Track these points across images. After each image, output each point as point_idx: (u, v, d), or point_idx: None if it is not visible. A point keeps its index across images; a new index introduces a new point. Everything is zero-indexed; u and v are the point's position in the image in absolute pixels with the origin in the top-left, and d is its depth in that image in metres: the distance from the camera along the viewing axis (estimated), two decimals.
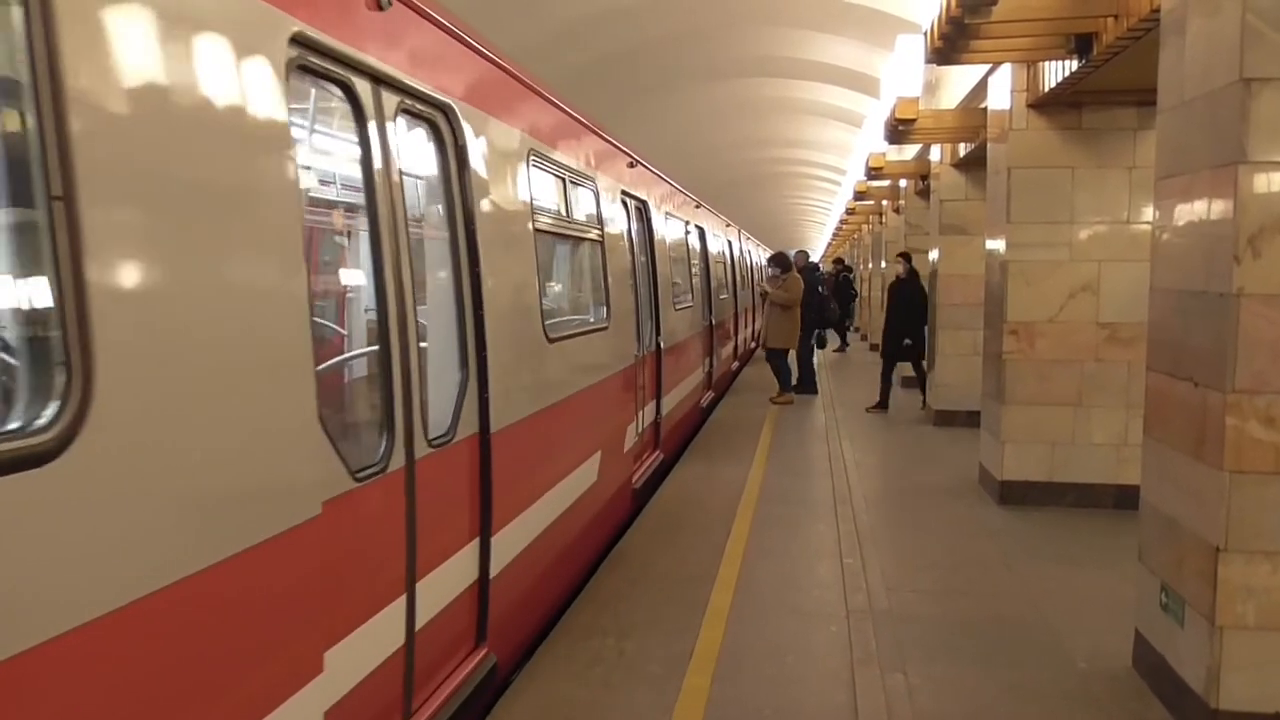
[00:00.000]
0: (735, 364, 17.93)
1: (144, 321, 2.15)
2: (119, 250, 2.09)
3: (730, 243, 18.35)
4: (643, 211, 9.13)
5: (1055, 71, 7.26)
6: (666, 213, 10.48)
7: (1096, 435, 7.99)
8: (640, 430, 8.24)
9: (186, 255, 2.30)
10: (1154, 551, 4.70)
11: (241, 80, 2.55)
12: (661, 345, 9.18)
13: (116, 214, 2.08)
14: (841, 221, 31.41)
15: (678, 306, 10.57)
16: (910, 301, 13.34)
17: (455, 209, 4.15)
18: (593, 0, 12.77)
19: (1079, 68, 6.70)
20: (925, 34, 6.85)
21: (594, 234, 6.95)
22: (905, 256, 13.85)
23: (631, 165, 8.52)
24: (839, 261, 28.83)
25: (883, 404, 13.40)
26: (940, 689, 4.65)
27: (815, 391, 15.12)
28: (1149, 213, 6.91)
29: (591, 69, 14.17)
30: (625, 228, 8.01)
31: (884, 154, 15.35)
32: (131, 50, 2.15)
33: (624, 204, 8.07)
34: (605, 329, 6.92)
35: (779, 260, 14.46)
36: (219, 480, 2.40)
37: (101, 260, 2.00)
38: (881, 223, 22.54)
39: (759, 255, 26.71)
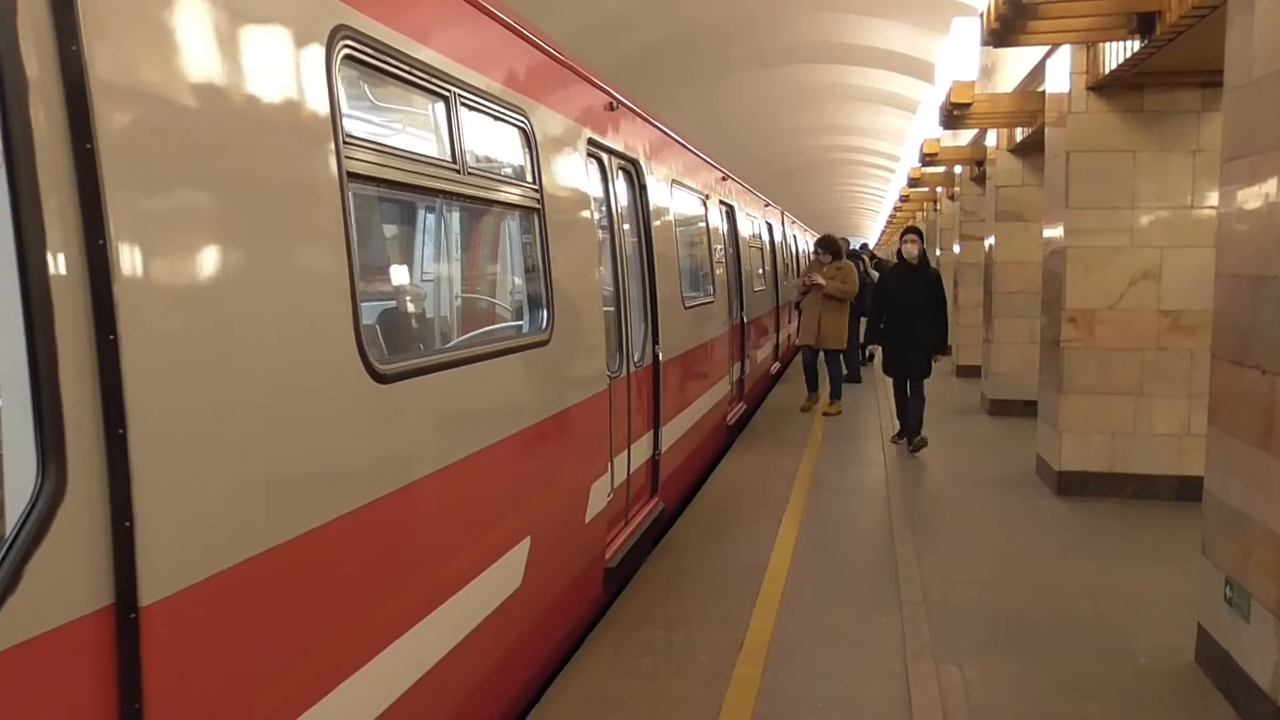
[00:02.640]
0: (775, 365, 15.55)
1: None
2: None
3: (770, 225, 16.04)
4: (632, 176, 6.84)
5: (1116, 52, 7.08)
6: (673, 180, 8.12)
7: (1158, 425, 7.83)
8: (620, 480, 5.93)
9: None
10: (1218, 544, 4.58)
11: None
12: (660, 357, 6.91)
13: None
14: (895, 209, 31.12)
15: (689, 303, 8.22)
16: (931, 298, 9.94)
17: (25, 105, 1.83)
18: None
19: (1141, 48, 6.53)
20: (982, 16, 6.73)
21: (522, 197, 4.51)
22: (916, 233, 10.23)
23: (612, 107, 6.15)
24: (864, 247, 28.67)
25: (906, 431, 10.22)
26: (996, 683, 4.57)
27: (859, 380, 14.80)
28: (1213, 198, 6.76)
29: (641, 56, 14.13)
30: (594, 194, 5.68)
31: (939, 140, 15.17)
32: None
33: (598, 160, 5.89)
34: (543, 344, 4.58)
35: (829, 245, 12.35)
36: None
37: None
38: (936, 210, 22.26)
39: (806, 242, 24.65)
